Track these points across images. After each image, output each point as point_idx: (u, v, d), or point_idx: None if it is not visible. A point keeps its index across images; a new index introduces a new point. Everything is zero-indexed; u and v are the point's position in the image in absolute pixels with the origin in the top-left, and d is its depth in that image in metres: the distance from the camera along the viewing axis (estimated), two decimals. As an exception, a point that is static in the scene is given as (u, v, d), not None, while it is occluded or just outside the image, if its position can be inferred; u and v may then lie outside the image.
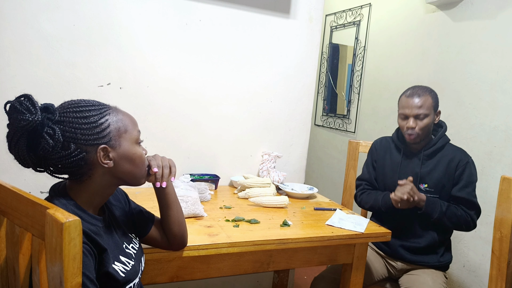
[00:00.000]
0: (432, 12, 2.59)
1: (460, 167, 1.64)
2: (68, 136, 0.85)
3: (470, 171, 1.65)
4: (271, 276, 2.30)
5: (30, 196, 0.78)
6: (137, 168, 0.96)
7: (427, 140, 1.69)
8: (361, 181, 1.87)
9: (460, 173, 1.64)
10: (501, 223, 1.33)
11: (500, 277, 1.34)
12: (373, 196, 1.76)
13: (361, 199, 1.82)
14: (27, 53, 1.63)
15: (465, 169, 1.64)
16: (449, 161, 1.66)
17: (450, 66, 2.43)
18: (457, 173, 1.65)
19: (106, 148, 0.89)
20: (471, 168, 1.65)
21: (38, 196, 0.80)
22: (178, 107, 1.93)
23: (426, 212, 1.61)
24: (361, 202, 1.82)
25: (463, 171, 1.64)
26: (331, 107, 3.73)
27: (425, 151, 1.69)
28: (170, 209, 1.11)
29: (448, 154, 1.67)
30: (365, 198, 1.79)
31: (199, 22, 1.91)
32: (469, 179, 1.64)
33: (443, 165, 1.66)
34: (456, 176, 1.65)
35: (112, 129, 0.90)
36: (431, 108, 1.62)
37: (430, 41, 2.60)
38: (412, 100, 1.61)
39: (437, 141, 1.68)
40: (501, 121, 2.11)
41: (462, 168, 1.64)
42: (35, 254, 0.79)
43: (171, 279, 1.27)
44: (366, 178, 1.85)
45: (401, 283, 1.69)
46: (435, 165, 1.67)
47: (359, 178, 1.89)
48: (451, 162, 1.65)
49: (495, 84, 2.15)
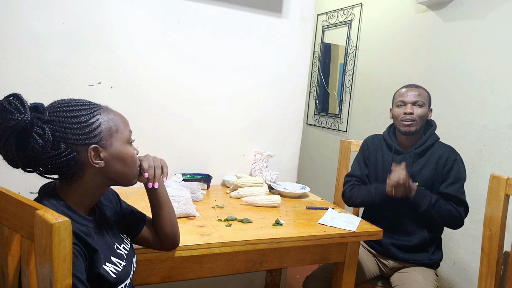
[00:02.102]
0: (423, 12, 2.61)
1: (448, 163, 1.66)
2: (58, 135, 0.84)
3: (458, 168, 1.66)
4: (264, 275, 2.31)
5: (19, 197, 0.77)
6: (128, 168, 0.95)
7: (416, 137, 1.71)
8: (351, 177, 1.84)
9: (448, 169, 1.66)
10: (491, 221, 1.35)
11: (489, 275, 1.36)
12: (364, 190, 1.74)
13: (352, 194, 1.78)
14: (16, 52, 1.60)
15: (453, 166, 1.66)
16: (438, 158, 1.68)
17: (441, 65, 2.45)
18: (445, 170, 1.67)
19: (97, 148, 0.88)
20: (459, 165, 1.67)
21: (28, 197, 0.79)
22: (170, 106, 1.92)
23: (415, 202, 1.61)
24: (352, 197, 1.78)
25: (451, 168, 1.66)
26: (323, 106, 3.74)
27: (415, 150, 1.70)
28: (162, 209, 1.11)
29: (437, 151, 1.69)
30: (356, 193, 1.76)
31: (191, 21, 1.90)
32: (457, 176, 1.66)
33: (432, 163, 1.68)
34: (444, 172, 1.67)
35: (103, 129, 0.89)
36: (427, 100, 1.68)
37: (421, 41, 2.62)
38: (410, 89, 1.68)
39: (427, 139, 1.70)
40: (491, 120, 2.14)
41: (450, 165, 1.66)
42: (25, 256, 0.78)
43: (163, 280, 1.27)
44: (357, 174, 1.83)
45: (393, 281, 1.70)
46: (425, 163, 1.69)
47: (349, 175, 1.87)
48: (440, 159, 1.67)
49: (485, 84, 2.17)
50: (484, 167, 2.17)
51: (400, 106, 1.68)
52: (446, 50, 2.42)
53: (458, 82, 2.33)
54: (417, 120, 1.65)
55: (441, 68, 2.45)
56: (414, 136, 1.70)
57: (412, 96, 1.66)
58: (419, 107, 1.65)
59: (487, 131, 2.16)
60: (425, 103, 1.67)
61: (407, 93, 1.67)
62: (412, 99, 1.65)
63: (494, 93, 2.13)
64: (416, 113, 1.64)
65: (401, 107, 1.68)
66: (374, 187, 1.71)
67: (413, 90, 1.67)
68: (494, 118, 2.12)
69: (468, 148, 2.25)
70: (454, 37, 2.37)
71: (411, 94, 1.66)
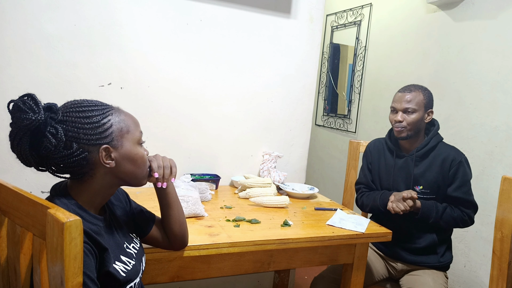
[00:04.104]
0: (433, 12, 2.59)
1: (453, 166, 1.64)
2: (71, 135, 0.85)
3: (465, 170, 1.64)
4: (272, 276, 2.30)
5: (31, 196, 0.78)
6: (138, 168, 0.96)
7: (418, 140, 1.69)
8: (359, 185, 1.86)
9: (454, 172, 1.64)
10: (502, 223, 1.33)
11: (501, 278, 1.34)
12: (371, 197, 1.75)
13: (362, 202, 1.81)
14: (28, 53, 1.63)
15: (459, 168, 1.63)
16: (443, 161, 1.65)
17: (451, 66, 2.43)
18: (451, 172, 1.64)
19: (108, 148, 0.89)
20: (465, 167, 1.64)
21: (39, 196, 0.80)
22: (178, 107, 1.93)
23: (422, 217, 1.62)
24: (362, 205, 1.81)
25: (457, 170, 1.63)
26: (332, 107, 3.73)
27: (417, 152, 1.68)
28: (171, 209, 1.12)
29: (441, 153, 1.67)
30: (365, 201, 1.79)
31: (200, 22, 1.91)
32: (464, 178, 1.63)
33: (436, 165, 1.65)
34: (450, 175, 1.64)
35: (115, 129, 0.90)
36: (421, 104, 1.64)
37: (431, 41, 2.60)
38: (402, 95, 1.65)
39: (429, 141, 1.67)
40: (502, 121, 2.11)
41: (456, 167, 1.63)
42: (36, 254, 0.79)
43: (172, 279, 1.27)
44: (363, 181, 1.84)
45: (402, 283, 1.68)
46: (429, 165, 1.67)
47: (357, 182, 1.89)
48: (445, 161, 1.65)
49: (496, 84, 2.14)
50: (496, 169, 2.14)
51: (393, 111, 1.68)
52: (456, 50, 2.40)
53: (468, 82, 2.31)
54: (407, 127, 1.63)
55: (451, 69, 2.43)
56: (413, 138, 1.68)
57: (404, 102, 1.63)
58: (410, 113, 1.62)
59: (498, 132, 2.13)
60: (417, 109, 1.62)
61: (399, 99, 1.65)
62: (403, 106, 1.63)
63: (505, 93, 2.10)
64: (406, 121, 1.62)
65: (393, 113, 1.68)
66: (379, 196, 1.70)
67: (406, 95, 1.64)
68: (505, 119, 2.09)
69: (479, 150, 2.23)
70: (464, 37, 2.35)
71: (403, 100, 1.63)
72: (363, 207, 1.81)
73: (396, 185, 1.71)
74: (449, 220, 1.62)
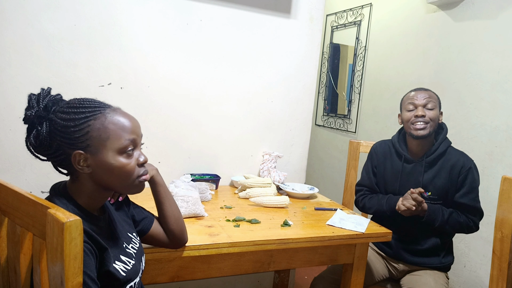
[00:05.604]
0: (433, 12, 2.59)
1: (463, 172, 1.62)
2: (53, 136, 0.87)
3: (473, 177, 1.62)
4: (272, 276, 2.30)
5: (31, 196, 0.78)
6: (116, 179, 0.90)
7: (428, 143, 1.67)
8: (362, 187, 1.84)
9: (463, 178, 1.62)
10: (502, 223, 1.33)
11: (501, 278, 1.34)
12: (375, 201, 1.74)
13: (364, 204, 1.79)
14: (28, 53, 1.63)
15: (468, 175, 1.62)
16: (452, 167, 1.63)
17: (451, 66, 2.43)
18: (460, 179, 1.62)
19: (83, 154, 0.86)
20: (474, 174, 1.62)
21: (39, 196, 0.80)
22: (178, 107, 1.93)
23: (427, 221, 1.61)
24: (364, 207, 1.79)
25: (466, 176, 1.62)
26: (332, 107, 3.73)
27: (427, 158, 1.66)
28: (164, 205, 1.16)
29: (450, 159, 1.64)
30: (368, 203, 1.77)
31: (200, 22, 1.91)
32: (473, 185, 1.62)
33: (445, 171, 1.63)
34: (459, 181, 1.62)
35: (93, 136, 0.86)
36: (437, 102, 1.64)
37: (431, 41, 2.60)
38: (419, 92, 1.65)
39: (439, 146, 1.65)
40: (502, 121, 2.11)
41: (465, 174, 1.62)
42: (36, 254, 0.79)
43: (172, 279, 1.27)
44: (366, 184, 1.82)
45: (403, 283, 1.68)
46: (438, 171, 1.65)
47: (359, 184, 1.86)
48: (454, 168, 1.63)
49: (496, 84, 2.14)
50: (496, 169, 2.14)
51: (410, 110, 1.64)
52: (456, 51, 2.40)
53: (468, 82, 2.31)
54: (430, 123, 1.60)
55: (451, 69, 2.43)
56: (426, 141, 1.65)
57: (423, 98, 1.61)
58: (430, 110, 1.61)
59: (499, 132, 2.13)
60: (436, 105, 1.62)
61: (416, 95, 1.63)
62: (422, 101, 1.61)
63: (505, 93, 2.10)
64: (428, 116, 1.60)
65: (411, 111, 1.63)
66: (386, 200, 1.69)
67: (423, 93, 1.63)
68: (505, 119, 2.09)
69: (479, 150, 2.23)
70: (464, 37, 2.35)
71: (421, 97, 1.62)
72: (364, 209, 1.80)
73: (403, 190, 1.68)
74: (455, 225, 1.61)
